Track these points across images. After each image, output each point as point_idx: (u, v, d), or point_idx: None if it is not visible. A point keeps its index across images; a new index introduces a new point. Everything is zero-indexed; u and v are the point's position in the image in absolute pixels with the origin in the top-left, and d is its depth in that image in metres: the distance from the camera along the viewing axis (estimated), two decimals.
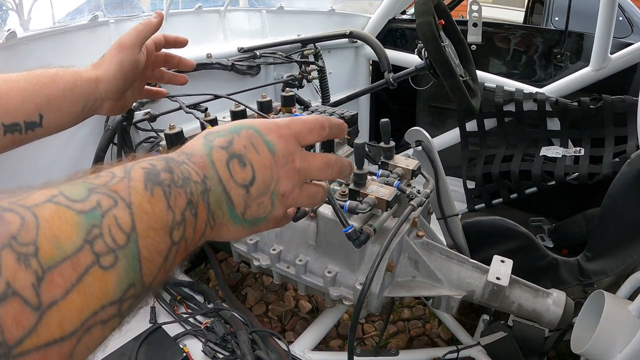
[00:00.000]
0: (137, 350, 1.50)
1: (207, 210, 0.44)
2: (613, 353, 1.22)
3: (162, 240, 0.38)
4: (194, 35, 1.93)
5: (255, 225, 0.50)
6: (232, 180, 0.46)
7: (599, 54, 2.13)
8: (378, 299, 1.20)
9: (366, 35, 2.11)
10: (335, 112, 1.40)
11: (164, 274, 0.40)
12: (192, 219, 0.42)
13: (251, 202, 0.48)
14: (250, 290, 2.35)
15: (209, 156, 0.46)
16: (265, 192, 0.49)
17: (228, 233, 0.49)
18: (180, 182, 0.41)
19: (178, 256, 0.41)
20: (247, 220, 0.49)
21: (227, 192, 0.46)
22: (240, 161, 0.47)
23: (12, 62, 1.34)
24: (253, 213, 0.49)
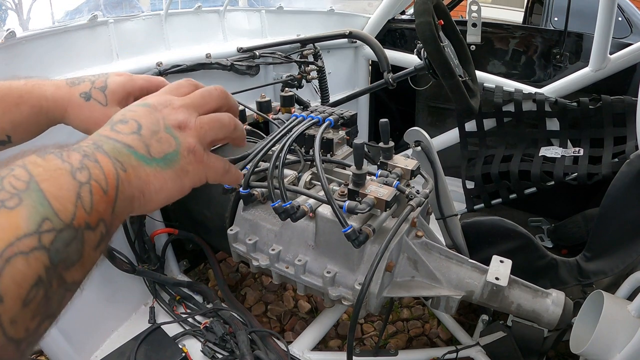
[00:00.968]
0: (137, 350, 1.51)
1: (107, 156, 0.45)
2: (612, 353, 1.22)
3: (65, 181, 0.40)
4: (194, 35, 1.94)
5: (172, 162, 0.51)
6: (120, 133, 0.49)
7: (598, 54, 2.13)
8: (377, 299, 1.20)
9: (365, 36, 2.11)
10: (334, 112, 1.40)
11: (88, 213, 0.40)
12: (94, 164, 0.43)
13: (149, 141, 0.50)
14: (249, 290, 2.35)
15: (95, 134, 0.49)
16: (157, 130, 0.51)
17: (152, 176, 0.50)
18: (70, 149, 0.43)
19: (97, 196, 0.42)
20: (159, 158, 0.50)
21: (120, 141, 0.48)
22: (121, 122, 0.50)
23: (11, 62, 1.34)
24: (158, 149, 0.50)
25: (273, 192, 1.16)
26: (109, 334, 1.67)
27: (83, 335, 1.56)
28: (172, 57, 1.74)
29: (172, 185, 0.51)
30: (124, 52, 1.65)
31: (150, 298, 1.77)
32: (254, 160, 1.22)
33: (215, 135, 0.56)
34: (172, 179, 0.51)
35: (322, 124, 1.31)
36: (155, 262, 1.73)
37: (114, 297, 1.68)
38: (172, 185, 0.51)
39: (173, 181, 0.51)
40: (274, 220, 1.35)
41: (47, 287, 0.36)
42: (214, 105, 0.57)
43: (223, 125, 0.57)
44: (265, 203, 1.40)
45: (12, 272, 0.33)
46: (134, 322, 1.72)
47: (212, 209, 1.58)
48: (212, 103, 0.57)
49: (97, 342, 1.63)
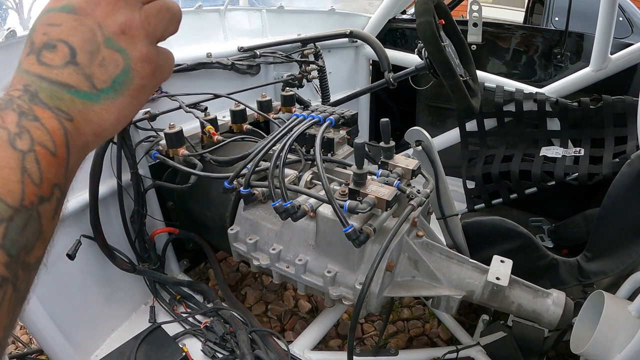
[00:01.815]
0: (137, 349, 1.51)
1: (47, 107, 0.38)
2: (612, 353, 1.22)
3: (4, 155, 0.35)
4: (194, 34, 1.94)
5: (124, 86, 0.42)
6: (52, 68, 0.39)
7: (599, 54, 2.13)
8: (378, 299, 1.20)
9: (366, 35, 2.11)
10: (335, 111, 1.40)
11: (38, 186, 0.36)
12: (34, 124, 0.37)
13: (90, 70, 0.40)
14: (249, 290, 2.35)
15: (19, 70, 0.40)
16: (96, 48, 0.40)
17: (104, 113, 0.41)
18: (2, 106, 0.37)
19: (44, 162, 0.37)
20: (107, 88, 0.41)
21: (56, 82, 0.39)
22: (48, 48, 0.40)
23: (12, 61, 1.34)
24: (104, 77, 0.41)
25: (274, 192, 1.16)
26: (109, 334, 1.67)
27: (83, 335, 1.56)
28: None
29: (128, 111, 0.43)
30: None
31: (151, 297, 1.77)
32: (255, 159, 1.22)
33: (166, 29, 0.45)
34: (128, 104, 0.43)
35: (322, 123, 1.31)
36: (156, 262, 1.73)
37: (114, 297, 1.68)
38: (128, 111, 0.43)
39: (129, 106, 0.43)
40: (274, 220, 1.36)
41: (13, 281, 0.34)
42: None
43: (174, 15, 0.45)
44: (266, 202, 1.41)
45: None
46: (134, 321, 1.72)
47: (213, 208, 1.58)
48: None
49: (98, 341, 1.63)
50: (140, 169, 1.58)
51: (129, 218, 1.62)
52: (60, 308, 1.46)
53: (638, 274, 1.42)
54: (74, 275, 1.50)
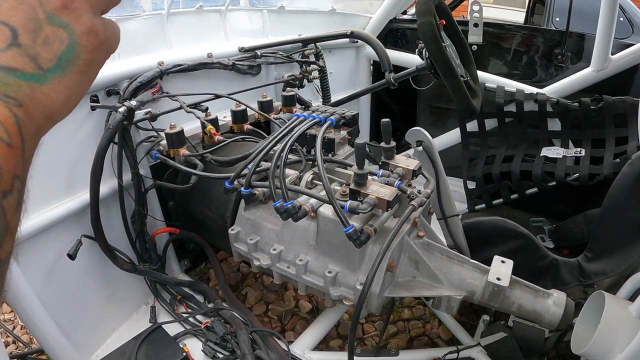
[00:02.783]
0: (137, 349, 1.51)
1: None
2: (613, 353, 1.22)
3: None
4: (195, 34, 1.94)
5: (70, 62, 0.40)
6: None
7: (599, 55, 2.13)
8: (378, 299, 1.20)
9: (367, 35, 2.11)
10: (336, 112, 1.40)
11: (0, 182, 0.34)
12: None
13: (34, 50, 0.38)
14: (250, 290, 2.35)
15: None
16: (39, 26, 0.38)
17: (53, 93, 0.39)
18: None
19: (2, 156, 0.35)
20: (53, 67, 0.39)
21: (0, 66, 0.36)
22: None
23: None
24: (49, 56, 0.38)
25: (274, 192, 1.16)
26: (110, 334, 1.68)
27: (84, 335, 1.57)
28: (174, 56, 1.74)
29: (79, 88, 0.41)
30: (126, 52, 1.65)
31: (151, 297, 1.77)
32: (256, 159, 1.22)
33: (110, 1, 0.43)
34: (77, 82, 0.41)
35: (323, 123, 1.31)
36: (157, 262, 1.73)
37: (115, 297, 1.68)
38: (79, 89, 0.41)
39: (78, 83, 0.41)
40: (275, 220, 1.36)
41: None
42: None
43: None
44: (267, 203, 1.41)
45: None
46: (135, 321, 1.72)
47: (214, 208, 1.58)
48: None
49: (98, 341, 1.64)
50: (141, 169, 1.58)
51: (129, 218, 1.62)
52: (61, 308, 1.46)
53: (639, 274, 1.42)
54: (74, 275, 1.50)
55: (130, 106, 1.40)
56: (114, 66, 1.60)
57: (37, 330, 1.37)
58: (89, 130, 1.48)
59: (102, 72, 1.40)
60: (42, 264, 1.40)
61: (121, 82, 1.56)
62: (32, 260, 1.36)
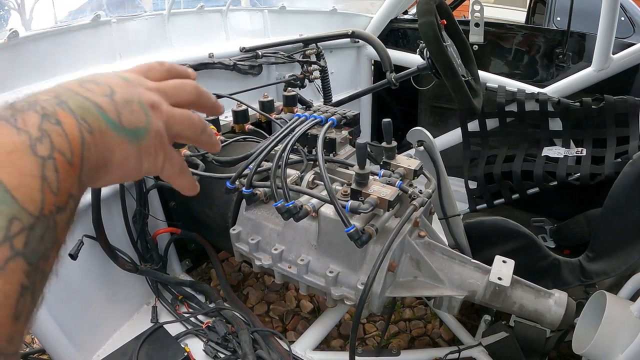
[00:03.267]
0: (139, 349, 1.50)
1: (72, 114, 0.39)
2: (615, 353, 1.22)
3: (26, 162, 0.35)
4: (196, 34, 1.94)
5: (140, 138, 0.45)
6: (90, 92, 0.42)
7: (601, 54, 2.13)
8: (380, 299, 1.20)
9: (368, 35, 2.11)
10: (337, 112, 1.40)
11: (56, 195, 0.36)
12: (56, 128, 0.37)
13: (122, 109, 0.44)
14: (251, 290, 2.35)
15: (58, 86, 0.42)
16: (131, 100, 0.45)
17: (117, 145, 0.44)
18: (24, 107, 0.37)
19: (62, 171, 0.37)
20: (129, 129, 0.44)
21: (90, 100, 0.42)
22: (93, 82, 0.44)
23: (14, 62, 1.35)
24: (130, 120, 0.44)
25: (276, 192, 1.16)
26: (111, 334, 1.68)
27: (85, 335, 1.57)
28: (175, 56, 1.74)
29: (133, 162, 0.46)
30: (127, 52, 1.65)
31: (153, 297, 1.77)
32: (257, 159, 1.22)
33: (182, 131, 0.51)
34: (135, 156, 0.46)
35: (324, 123, 1.31)
36: (158, 262, 1.73)
37: (117, 297, 1.68)
38: (132, 163, 0.46)
39: (135, 159, 0.46)
40: (276, 220, 1.36)
41: (32, 290, 0.34)
42: (185, 99, 0.52)
43: (192, 123, 0.52)
44: (268, 203, 1.41)
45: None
46: (136, 321, 1.72)
47: (215, 208, 1.58)
48: (183, 96, 0.52)
49: (100, 341, 1.64)
50: None
51: (131, 218, 1.62)
52: (63, 308, 1.46)
53: None
54: (76, 275, 1.50)
55: None
56: (115, 66, 1.60)
57: (38, 330, 1.37)
58: None
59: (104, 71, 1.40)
60: None
61: None
62: None
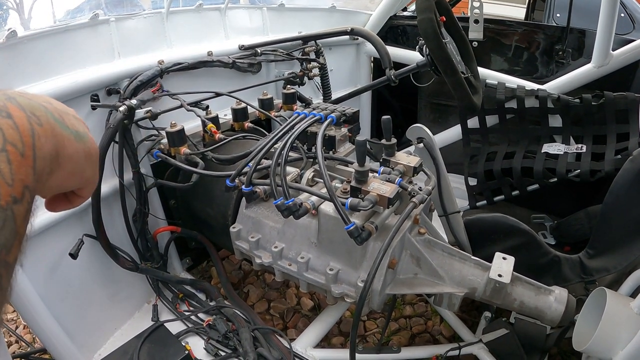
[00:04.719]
0: (140, 348, 1.51)
1: (22, 109, 0.41)
2: (615, 350, 1.22)
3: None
4: (195, 33, 1.94)
5: (83, 140, 0.49)
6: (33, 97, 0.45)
7: (600, 51, 2.12)
8: (380, 296, 1.20)
9: (367, 32, 2.11)
10: (336, 109, 1.40)
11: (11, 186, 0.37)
12: (7, 121, 0.39)
13: (62, 115, 0.47)
14: (252, 288, 2.36)
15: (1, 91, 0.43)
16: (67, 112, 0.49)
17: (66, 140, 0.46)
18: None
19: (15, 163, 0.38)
20: (73, 130, 0.47)
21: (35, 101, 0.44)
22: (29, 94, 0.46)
23: (13, 62, 1.34)
24: (72, 122, 0.48)
25: (275, 190, 1.16)
26: (112, 332, 1.68)
27: (86, 334, 1.57)
28: (174, 55, 1.74)
29: (81, 160, 0.49)
30: (126, 51, 1.65)
31: (154, 296, 1.78)
32: (256, 157, 1.22)
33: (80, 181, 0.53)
34: (82, 155, 0.49)
35: (324, 121, 1.31)
36: (158, 260, 1.74)
37: (117, 296, 1.69)
38: (81, 161, 0.49)
39: (83, 158, 0.49)
40: (276, 218, 1.36)
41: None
42: None
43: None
44: (268, 200, 1.41)
45: None
46: (137, 320, 1.73)
47: (215, 206, 1.59)
48: None
49: (101, 340, 1.64)
50: (142, 168, 1.59)
51: (131, 217, 1.63)
52: (64, 307, 1.46)
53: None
54: (76, 275, 1.50)
55: (131, 105, 1.41)
56: (114, 65, 1.60)
57: (39, 329, 1.37)
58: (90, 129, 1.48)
59: (103, 71, 1.40)
60: (44, 263, 1.40)
61: (121, 81, 1.57)
62: (35, 259, 1.37)
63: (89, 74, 1.51)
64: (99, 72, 1.54)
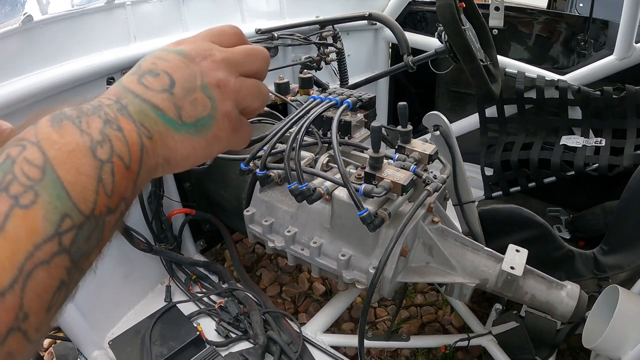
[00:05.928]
0: (152, 328, 1.54)
1: (132, 120, 0.41)
2: (625, 349, 1.22)
3: (85, 162, 0.36)
4: (211, 16, 1.93)
5: (205, 128, 0.46)
6: (149, 89, 0.43)
7: (623, 43, 2.08)
8: (391, 284, 1.21)
9: (385, 18, 2.09)
10: (353, 94, 1.39)
11: (109, 197, 0.37)
12: (116, 134, 0.39)
13: (182, 102, 0.44)
14: (264, 271, 2.38)
15: (119, 84, 0.44)
16: (193, 88, 0.45)
17: (180, 143, 0.45)
18: (90, 111, 0.39)
19: (118, 175, 0.38)
20: (190, 123, 0.44)
21: (148, 101, 0.42)
22: (151, 74, 0.44)
23: (29, 46, 1.36)
24: (191, 113, 0.44)
25: (290, 174, 1.16)
26: (125, 312, 1.71)
27: (100, 313, 1.60)
28: None
29: (200, 152, 0.47)
30: (142, 34, 1.66)
31: (167, 277, 1.80)
32: (271, 141, 1.22)
33: (251, 103, 0.49)
34: (202, 147, 0.46)
35: (340, 106, 1.31)
36: (172, 242, 1.76)
37: (131, 276, 1.72)
38: (200, 153, 0.47)
39: (202, 149, 0.47)
40: (290, 202, 1.36)
41: (68, 285, 0.35)
42: (256, 68, 0.50)
43: (261, 94, 0.50)
44: (282, 185, 1.41)
45: (34, 286, 0.31)
46: (150, 300, 1.76)
47: (229, 190, 1.60)
48: (255, 65, 0.50)
49: (114, 319, 1.68)
50: None
51: (146, 199, 1.65)
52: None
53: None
54: None
55: None
56: (130, 48, 1.62)
57: None
58: None
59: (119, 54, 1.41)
60: None
61: None
62: None
63: (105, 57, 1.53)
64: (115, 55, 1.55)
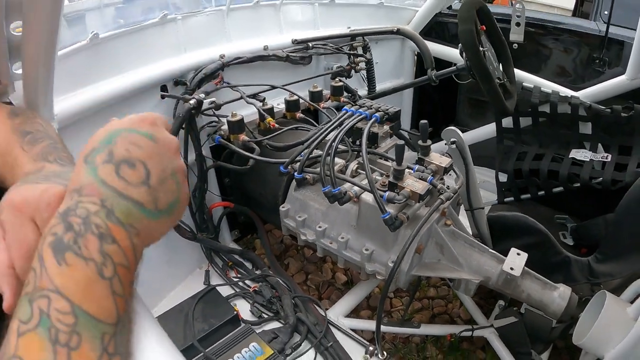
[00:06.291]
0: (194, 306, 1.72)
1: (121, 225, 0.45)
2: (607, 348, 1.34)
3: (98, 288, 0.42)
4: (252, 28, 2.09)
5: (174, 209, 0.51)
6: (129, 185, 0.46)
7: (635, 64, 2.14)
8: (406, 276, 1.39)
9: (412, 34, 2.24)
10: (380, 108, 1.55)
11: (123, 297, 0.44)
12: (113, 247, 0.44)
13: (157, 193, 0.48)
14: (292, 261, 2.54)
15: (96, 178, 0.46)
16: (165, 177, 0.50)
17: (157, 229, 0.50)
18: (82, 228, 0.43)
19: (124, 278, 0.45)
20: (164, 210, 0.49)
21: (129, 198, 0.46)
22: (127, 164, 0.47)
23: (95, 59, 1.53)
24: (164, 200, 0.49)
25: (324, 179, 1.35)
26: (166, 293, 1.89)
27: (144, 291, 1.76)
28: (234, 49, 1.89)
29: (170, 226, 0.53)
30: (191, 46, 1.82)
31: (205, 262, 1.99)
32: (309, 148, 1.41)
33: None
34: (172, 222, 0.52)
35: (369, 119, 1.48)
36: (212, 231, 1.94)
37: (173, 260, 1.89)
38: (172, 224, 0.53)
39: (172, 223, 0.53)
40: (321, 201, 1.54)
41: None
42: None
43: None
44: (315, 185, 1.59)
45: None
46: (189, 283, 1.93)
47: (267, 187, 1.77)
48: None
49: (156, 299, 1.85)
50: (202, 150, 1.77)
51: (191, 192, 1.82)
52: None
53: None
54: None
55: (200, 99, 1.58)
56: (180, 59, 1.77)
57: None
58: None
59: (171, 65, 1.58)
60: None
61: (187, 73, 1.74)
62: None
63: (159, 68, 1.68)
64: (167, 66, 1.70)
